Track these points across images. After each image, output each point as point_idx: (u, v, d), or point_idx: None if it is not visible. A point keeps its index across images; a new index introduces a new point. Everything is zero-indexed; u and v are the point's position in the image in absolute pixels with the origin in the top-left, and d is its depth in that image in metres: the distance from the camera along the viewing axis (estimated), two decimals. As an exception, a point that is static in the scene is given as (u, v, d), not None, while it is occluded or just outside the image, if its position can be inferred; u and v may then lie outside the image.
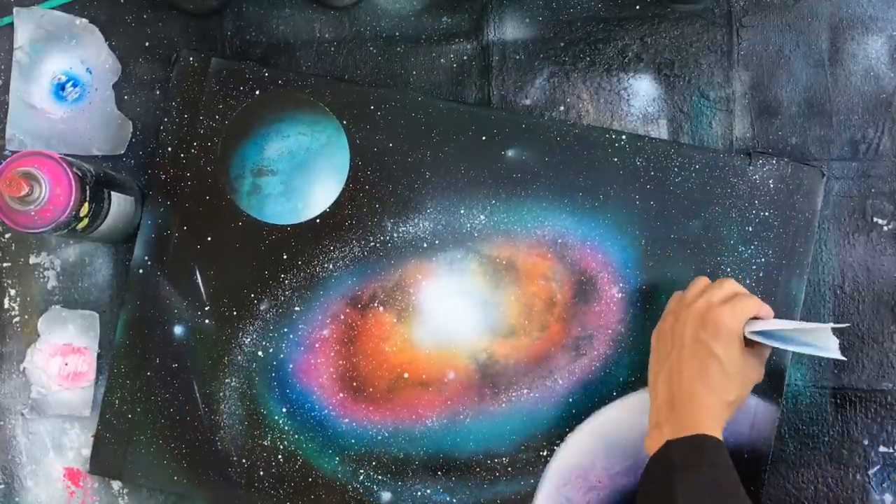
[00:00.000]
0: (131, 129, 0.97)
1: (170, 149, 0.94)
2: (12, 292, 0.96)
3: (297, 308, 0.93)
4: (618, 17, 0.96)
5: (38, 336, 0.96)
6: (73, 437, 0.95)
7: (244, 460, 0.92)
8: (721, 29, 0.96)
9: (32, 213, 0.81)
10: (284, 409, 0.93)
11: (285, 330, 0.93)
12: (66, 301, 0.96)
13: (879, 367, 0.93)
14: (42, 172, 0.81)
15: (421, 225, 0.93)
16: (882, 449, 0.93)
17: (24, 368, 0.96)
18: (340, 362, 0.93)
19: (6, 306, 0.96)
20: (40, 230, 0.82)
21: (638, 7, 0.96)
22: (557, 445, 0.91)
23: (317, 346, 0.93)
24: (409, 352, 0.93)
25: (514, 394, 0.92)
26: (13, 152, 0.95)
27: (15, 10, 0.96)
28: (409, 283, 0.93)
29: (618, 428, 0.91)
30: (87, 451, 0.95)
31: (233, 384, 0.93)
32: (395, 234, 0.93)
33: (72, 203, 0.82)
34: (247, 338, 0.93)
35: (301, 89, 0.94)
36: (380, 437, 0.92)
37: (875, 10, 0.95)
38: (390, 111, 0.94)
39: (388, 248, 0.93)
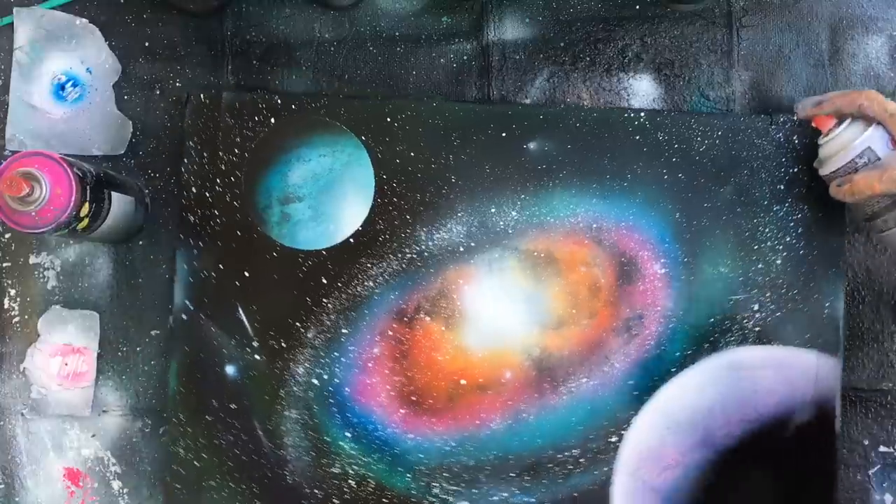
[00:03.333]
0: (131, 129, 0.97)
1: (194, 189, 0.93)
2: (12, 292, 0.96)
3: (344, 330, 0.92)
4: (618, 17, 0.96)
5: (38, 336, 0.96)
6: (73, 437, 0.95)
7: (316, 490, 0.92)
8: (721, 29, 0.96)
9: (33, 214, 0.81)
10: (348, 434, 0.92)
11: (336, 354, 0.92)
12: (66, 301, 0.96)
13: (879, 367, 0.93)
14: (42, 172, 0.81)
15: (454, 230, 0.92)
16: (882, 449, 0.93)
17: (24, 368, 0.95)
18: (396, 378, 0.92)
19: (6, 306, 0.96)
20: (41, 230, 0.82)
21: (638, 7, 0.96)
22: (625, 430, 0.91)
23: (370, 365, 0.92)
24: (462, 358, 0.92)
25: (573, 384, 0.92)
26: (13, 152, 0.95)
27: (15, 10, 0.96)
28: (452, 289, 0.92)
29: (682, 403, 0.90)
30: (86, 451, 0.95)
31: (293, 416, 0.92)
32: (431, 243, 0.93)
33: (72, 203, 0.82)
34: (299, 367, 0.93)
35: (315, 111, 0.93)
36: (447, 448, 0.92)
37: (875, 10, 0.95)
38: (407, 121, 0.93)
39: (426, 258, 0.92)
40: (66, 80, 0.96)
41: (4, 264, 0.97)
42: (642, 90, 0.96)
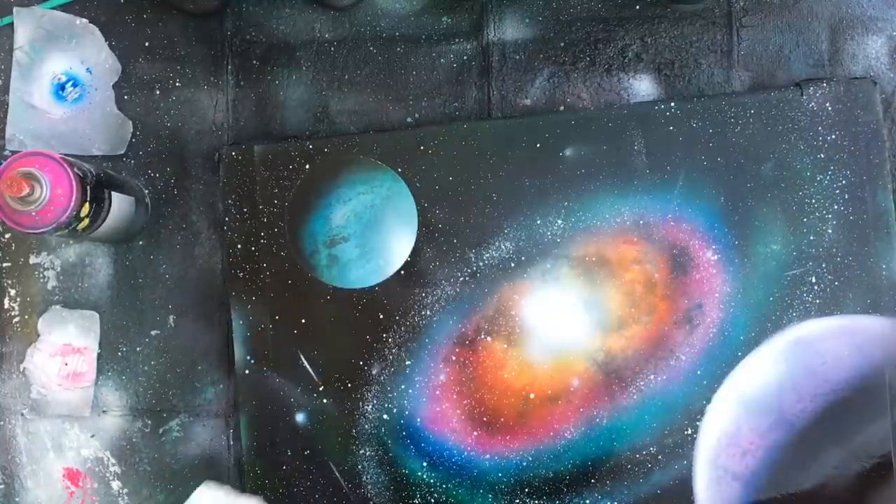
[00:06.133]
0: (131, 129, 0.97)
1: (239, 246, 0.94)
2: (12, 292, 0.96)
3: (407, 362, 0.92)
4: (618, 17, 0.96)
5: (38, 336, 0.96)
6: (73, 437, 0.95)
7: None
8: (721, 29, 0.96)
9: (33, 214, 0.81)
10: (424, 464, 0.92)
11: (402, 387, 0.92)
12: (66, 301, 0.96)
13: None
14: (43, 173, 0.81)
15: (503, 247, 0.92)
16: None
17: (24, 368, 0.96)
18: (465, 402, 0.92)
19: (6, 306, 0.96)
20: (41, 230, 0.82)
21: (638, 7, 0.96)
22: (699, 420, 0.91)
23: (438, 393, 0.92)
24: (528, 372, 0.92)
25: (641, 383, 0.91)
26: (13, 152, 0.95)
27: (15, 10, 0.96)
28: (509, 306, 0.92)
29: (753, 386, 0.90)
30: (86, 452, 0.95)
31: (368, 454, 0.92)
32: (481, 263, 0.92)
33: (72, 203, 0.82)
34: (368, 405, 0.93)
35: (348, 150, 0.93)
36: (525, 464, 0.91)
37: (875, 10, 0.95)
38: (440, 146, 0.93)
39: (479, 278, 0.92)
40: (66, 80, 0.96)
41: (4, 264, 0.97)
42: (642, 90, 0.96)
